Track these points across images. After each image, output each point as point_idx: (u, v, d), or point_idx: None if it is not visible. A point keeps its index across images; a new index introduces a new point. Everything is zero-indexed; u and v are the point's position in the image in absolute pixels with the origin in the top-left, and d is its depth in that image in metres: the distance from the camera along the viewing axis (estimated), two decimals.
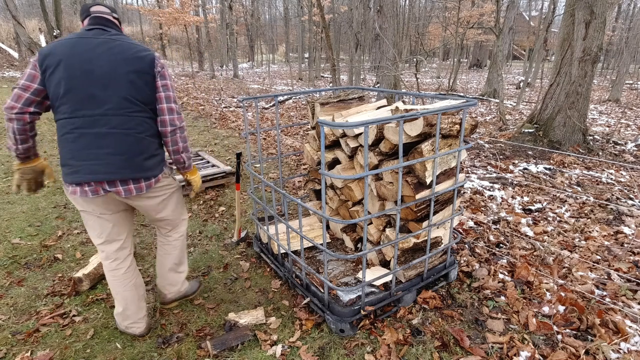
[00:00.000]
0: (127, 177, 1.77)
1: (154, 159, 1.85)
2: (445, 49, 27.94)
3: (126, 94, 1.71)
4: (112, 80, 1.69)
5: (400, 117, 1.75)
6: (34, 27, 19.08)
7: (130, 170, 1.77)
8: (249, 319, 2.19)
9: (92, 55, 1.68)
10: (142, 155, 1.79)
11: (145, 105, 1.77)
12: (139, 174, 1.79)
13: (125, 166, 1.75)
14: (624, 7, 26.28)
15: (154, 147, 1.84)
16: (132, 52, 1.73)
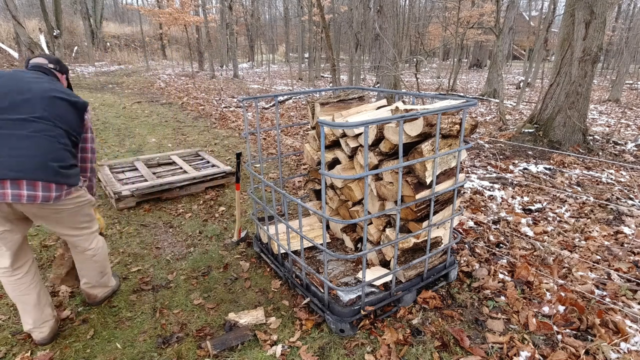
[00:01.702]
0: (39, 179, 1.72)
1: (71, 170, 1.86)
2: (445, 49, 27.94)
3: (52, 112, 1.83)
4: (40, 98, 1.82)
5: (400, 117, 1.75)
6: (34, 27, 19.07)
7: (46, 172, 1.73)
8: (249, 319, 2.19)
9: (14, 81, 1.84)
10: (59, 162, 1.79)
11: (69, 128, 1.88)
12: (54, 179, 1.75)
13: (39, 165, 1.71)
14: (624, 7, 26.28)
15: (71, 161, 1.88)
16: (63, 90, 1.92)
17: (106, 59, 22.19)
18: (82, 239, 2.09)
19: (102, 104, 9.39)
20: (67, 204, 1.90)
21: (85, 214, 2.06)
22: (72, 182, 1.86)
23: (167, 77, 15.98)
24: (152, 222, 3.49)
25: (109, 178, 3.96)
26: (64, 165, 1.80)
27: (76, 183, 1.90)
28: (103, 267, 2.26)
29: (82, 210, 2.02)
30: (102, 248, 2.22)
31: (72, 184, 1.86)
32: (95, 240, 2.18)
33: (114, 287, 2.46)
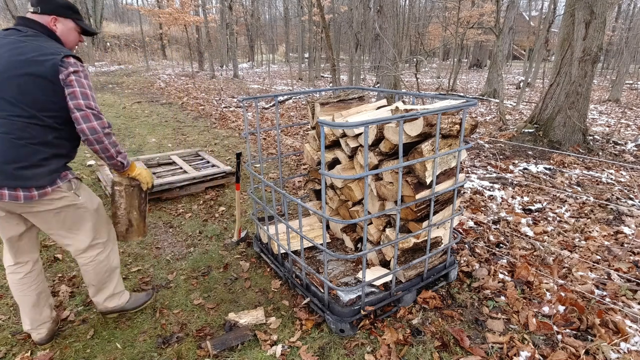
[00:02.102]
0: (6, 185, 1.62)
1: (34, 170, 1.64)
2: (445, 49, 27.94)
3: (9, 96, 1.60)
4: (3, 81, 1.60)
5: (400, 117, 1.75)
6: None
7: (5, 178, 1.61)
8: (249, 319, 2.19)
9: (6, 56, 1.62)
10: (17, 163, 1.61)
11: (37, 111, 1.63)
12: (12, 183, 1.61)
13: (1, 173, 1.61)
14: (624, 7, 26.28)
15: (40, 156, 1.66)
16: (35, 55, 1.61)
17: (106, 59, 22.19)
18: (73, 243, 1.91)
19: (102, 104, 9.39)
20: (46, 205, 1.72)
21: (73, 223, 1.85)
22: (34, 183, 1.63)
23: (167, 77, 15.99)
24: (152, 222, 3.49)
25: (108, 178, 3.96)
26: (24, 165, 1.61)
27: (42, 184, 1.66)
28: (96, 283, 2.05)
29: (70, 213, 1.81)
30: (96, 268, 1.99)
31: (37, 186, 1.64)
32: (92, 256, 1.96)
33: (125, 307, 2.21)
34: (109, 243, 2.05)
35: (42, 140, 1.66)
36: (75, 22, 1.83)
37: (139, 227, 2.15)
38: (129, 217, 2.08)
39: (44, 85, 1.62)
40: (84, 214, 1.88)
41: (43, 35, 1.73)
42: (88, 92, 1.66)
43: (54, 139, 1.70)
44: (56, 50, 1.65)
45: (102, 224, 2.00)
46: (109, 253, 2.05)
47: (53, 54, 1.63)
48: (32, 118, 1.63)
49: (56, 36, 1.77)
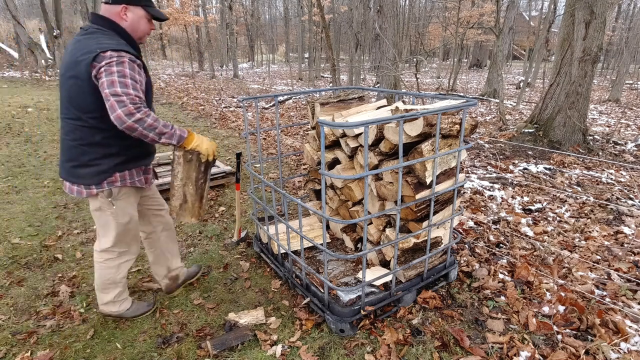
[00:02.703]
0: (65, 179, 1.86)
1: (87, 169, 1.76)
2: (445, 49, 27.94)
3: (64, 99, 1.70)
4: (61, 85, 1.70)
5: (400, 117, 1.75)
6: (34, 27, 19.08)
7: (64, 173, 1.85)
8: (249, 319, 2.19)
9: (64, 58, 1.73)
10: (73, 162, 1.77)
11: (82, 113, 1.67)
12: (71, 179, 1.82)
13: (62, 167, 1.86)
14: (624, 7, 26.28)
15: (89, 156, 1.74)
16: (77, 56, 1.61)
17: None
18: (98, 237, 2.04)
19: None
20: (94, 203, 1.89)
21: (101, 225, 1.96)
22: (85, 182, 1.79)
23: (167, 77, 15.98)
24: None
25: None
26: (76, 164, 1.78)
27: (89, 184, 1.79)
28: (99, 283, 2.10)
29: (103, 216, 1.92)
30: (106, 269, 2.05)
31: (86, 184, 1.80)
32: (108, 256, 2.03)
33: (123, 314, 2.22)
34: (124, 255, 2.09)
35: (89, 141, 1.72)
36: (145, 9, 1.79)
37: (194, 207, 2.03)
38: (184, 191, 1.98)
39: (82, 86, 1.62)
40: (112, 222, 1.94)
41: (103, 31, 1.71)
42: (115, 78, 1.54)
43: (102, 139, 1.73)
44: (96, 47, 1.60)
45: (126, 237, 2.04)
46: (120, 264, 2.08)
47: (89, 52, 1.59)
48: (78, 120, 1.69)
49: (121, 28, 1.75)
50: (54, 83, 12.79)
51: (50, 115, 7.64)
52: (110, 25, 1.73)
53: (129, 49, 1.66)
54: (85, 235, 3.20)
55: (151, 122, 1.60)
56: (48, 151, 5.44)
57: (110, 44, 1.62)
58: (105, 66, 1.56)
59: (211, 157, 1.94)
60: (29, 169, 4.72)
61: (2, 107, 8.06)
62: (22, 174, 4.54)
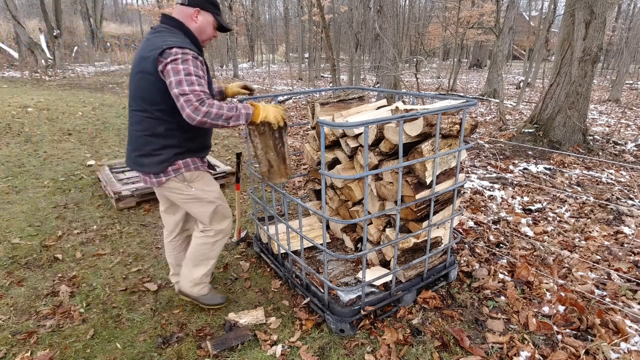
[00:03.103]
0: (131, 167, 1.97)
1: (149, 158, 1.87)
2: (445, 49, 27.94)
3: (133, 93, 1.83)
4: (130, 79, 1.83)
5: (400, 117, 1.75)
6: (34, 27, 19.08)
7: (130, 161, 1.96)
8: (249, 319, 2.19)
9: (136, 54, 1.84)
10: (137, 151, 1.89)
11: (149, 105, 1.79)
12: (136, 167, 1.94)
13: (128, 156, 1.98)
14: (624, 7, 26.28)
15: (152, 146, 1.85)
16: (146, 52, 1.72)
17: (106, 59, 22.20)
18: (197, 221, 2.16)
19: (102, 104, 9.39)
20: (167, 191, 1.98)
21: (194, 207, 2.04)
22: (149, 170, 1.88)
23: None
24: (152, 222, 3.49)
25: (109, 178, 3.96)
26: (141, 153, 1.87)
27: (154, 172, 1.88)
28: (192, 258, 2.20)
29: (187, 202, 2.01)
30: (198, 245, 2.16)
31: (150, 172, 1.89)
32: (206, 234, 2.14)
33: (198, 298, 2.29)
34: (219, 234, 2.17)
35: (153, 132, 1.82)
36: (215, 16, 1.91)
37: (280, 169, 2.14)
38: (267, 158, 2.09)
39: (149, 80, 1.73)
40: (197, 204, 2.03)
41: (170, 29, 1.82)
42: (182, 77, 1.62)
43: (165, 130, 1.83)
44: (162, 43, 1.68)
45: (217, 216, 2.12)
46: (215, 242, 2.18)
47: (156, 48, 1.67)
48: (144, 112, 1.80)
49: (189, 29, 1.85)
50: (54, 83, 12.80)
51: (50, 115, 7.64)
52: (178, 25, 1.85)
53: (192, 47, 1.74)
54: (85, 235, 3.20)
55: (216, 111, 1.66)
56: (48, 151, 5.44)
57: (176, 41, 1.71)
58: (172, 63, 1.63)
59: (282, 123, 1.98)
60: (29, 169, 4.72)
61: (2, 107, 8.06)
62: (22, 174, 4.54)
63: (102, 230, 3.30)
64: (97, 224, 3.41)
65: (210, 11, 1.89)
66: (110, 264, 2.81)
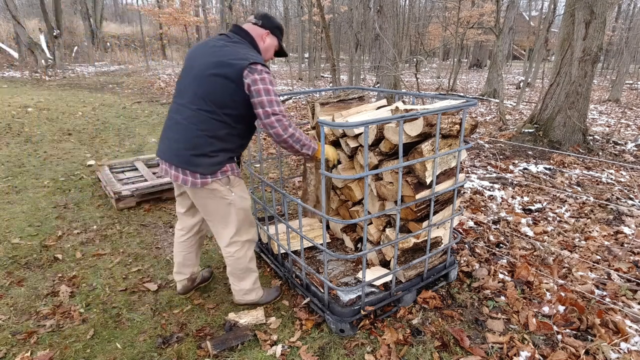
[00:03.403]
0: (177, 165, 1.89)
1: (206, 159, 1.87)
2: (445, 49, 27.94)
3: (201, 92, 1.83)
4: (197, 77, 1.84)
5: (400, 117, 1.75)
6: (34, 27, 19.08)
7: (179, 159, 1.89)
8: (249, 319, 2.19)
9: (198, 54, 1.89)
10: (194, 150, 1.86)
11: (218, 107, 1.82)
12: (186, 166, 1.87)
13: (175, 153, 1.90)
14: (624, 7, 26.29)
15: (212, 147, 1.87)
16: (228, 58, 1.79)
17: (106, 59, 22.19)
18: (217, 235, 2.13)
19: (102, 104, 9.40)
20: (206, 194, 1.94)
21: (228, 218, 2.03)
22: (201, 170, 1.86)
23: (167, 77, 15.98)
24: (152, 222, 3.49)
25: (109, 178, 3.96)
26: (198, 153, 1.85)
27: (207, 173, 1.87)
28: (234, 276, 2.23)
29: (222, 209, 1.99)
30: (235, 263, 2.16)
31: (203, 173, 1.87)
32: (231, 252, 2.13)
33: (257, 301, 2.34)
34: (246, 243, 2.18)
35: (215, 134, 1.85)
36: (279, 41, 2.07)
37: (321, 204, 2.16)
38: (317, 194, 2.17)
39: (228, 85, 1.79)
40: (232, 209, 2.03)
41: (246, 43, 1.93)
42: (273, 98, 1.78)
43: (226, 134, 1.88)
44: (248, 56, 1.80)
45: (246, 224, 2.14)
46: (246, 251, 2.18)
47: (243, 59, 1.78)
48: (212, 113, 1.83)
49: (258, 48, 1.98)
50: (54, 83, 12.80)
51: (50, 115, 7.64)
52: (251, 41, 1.96)
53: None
54: (85, 235, 3.20)
55: (298, 135, 1.86)
56: (48, 151, 5.44)
57: (258, 58, 1.84)
58: (261, 82, 1.77)
59: (335, 162, 2.16)
60: (29, 169, 4.72)
61: (2, 107, 8.06)
62: (22, 174, 4.54)
63: (102, 230, 3.30)
64: (97, 224, 3.41)
65: (277, 36, 2.04)
66: (110, 264, 2.81)
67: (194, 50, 1.94)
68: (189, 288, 2.43)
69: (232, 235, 2.09)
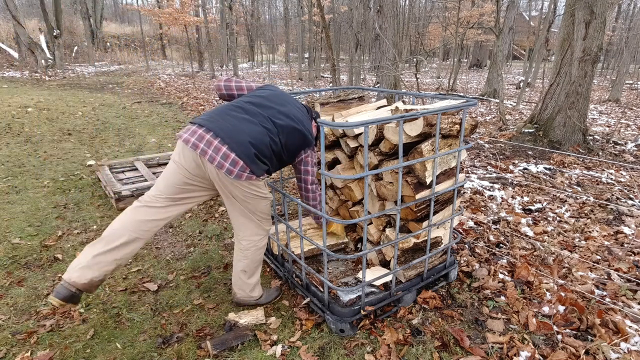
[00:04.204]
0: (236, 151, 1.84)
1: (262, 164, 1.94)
2: (445, 49, 27.94)
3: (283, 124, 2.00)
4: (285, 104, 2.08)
5: (400, 117, 1.75)
6: (34, 27, 19.08)
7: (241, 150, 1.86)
8: (249, 319, 2.19)
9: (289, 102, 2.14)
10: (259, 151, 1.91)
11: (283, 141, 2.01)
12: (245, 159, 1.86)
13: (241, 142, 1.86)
14: (624, 7, 26.29)
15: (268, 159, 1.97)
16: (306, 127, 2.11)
17: (106, 59, 22.19)
18: (243, 226, 2.12)
19: (102, 104, 9.40)
20: (245, 186, 1.94)
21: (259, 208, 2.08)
22: (256, 170, 1.90)
23: (167, 77, 15.98)
24: None
25: (109, 178, 3.96)
26: (259, 155, 1.90)
27: (259, 174, 1.94)
28: (249, 269, 2.23)
29: (255, 200, 2.03)
30: (254, 254, 2.18)
31: (255, 173, 1.91)
32: (254, 241, 2.16)
33: (258, 300, 2.35)
34: (266, 235, 2.22)
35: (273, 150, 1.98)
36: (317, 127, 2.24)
37: None
38: None
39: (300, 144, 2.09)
40: (264, 202, 2.09)
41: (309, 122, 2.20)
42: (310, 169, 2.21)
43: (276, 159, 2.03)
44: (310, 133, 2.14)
45: (269, 217, 2.19)
46: (264, 244, 2.23)
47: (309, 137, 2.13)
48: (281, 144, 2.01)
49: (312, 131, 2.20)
50: (54, 83, 12.80)
51: (50, 115, 7.64)
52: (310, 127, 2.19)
53: None
54: (85, 235, 3.20)
55: (319, 197, 2.24)
56: (48, 151, 5.44)
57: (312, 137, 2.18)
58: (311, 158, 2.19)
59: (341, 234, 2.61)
60: (29, 169, 4.72)
61: (2, 107, 8.06)
62: (22, 174, 4.54)
63: (102, 230, 3.29)
64: (97, 224, 3.41)
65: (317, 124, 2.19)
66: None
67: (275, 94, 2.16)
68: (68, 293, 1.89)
69: (256, 224, 2.13)
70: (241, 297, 2.32)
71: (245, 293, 2.30)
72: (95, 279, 1.90)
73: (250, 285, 2.28)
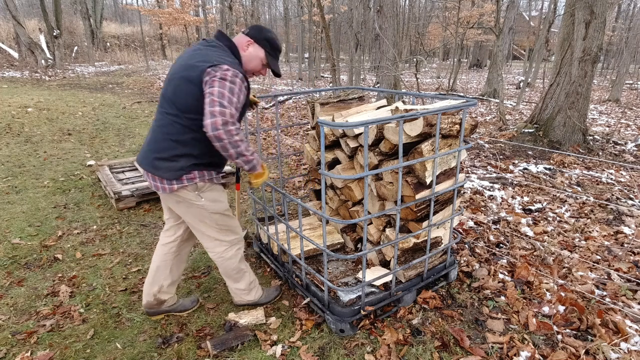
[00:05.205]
0: (145, 168, 1.89)
1: (166, 163, 1.82)
2: (445, 49, 27.93)
3: (169, 96, 1.80)
4: (169, 81, 1.82)
5: (400, 117, 1.75)
6: (34, 27, 19.07)
7: (146, 162, 1.88)
8: (249, 319, 2.19)
9: (178, 59, 1.86)
10: (157, 153, 1.83)
11: (181, 111, 1.76)
12: (151, 170, 1.85)
13: (144, 156, 1.89)
14: (624, 7, 26.29)
15: (173, 152, 1.81)
16: (195, 61, 1.74)
17: (106, 59, 22.19)
18: (202, 239, 2.08)
19: (102, 104, 9.40)
20: (174, 199, 1.90)
21: (201, 216, 1.96)
22: (163, 175, 1.81)
23: None
24: (152, 222, 3.49)
25: (108, 178, 3.96)
26: (161, 157, 1.82)
27: (172, 178, 1.81)
28: (229, 277, 2.22)
29: (194, 211, 1.93)
30: (224, 264, 2.14)
31: (168, 178, 1.82)
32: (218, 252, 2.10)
33: (258, 300, 2.33)
34: (235, 243, 2.14)
35: (178, 138, 1.80)
36: (266, 54, 1.96)
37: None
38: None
39: (191, 88, 1.72)
40: (204, 213, 1.96)
41: (222, 47, 1.87)
42: (226, 92, 1.65)
43: (190, 139, 1.81)
44: (216, 59, 1.73)
45: (227, 226, 2.08)
46: (235, 251, 2.15)
47: (208, 61, 1.71)
48: (176, 117, 1.78)
49: (239, 55, 1.91)
50: (54, 83, 12.80)
51: (50, 115, 7.65)
52: (230, 47, 1.90)
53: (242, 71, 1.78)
54: (85, 235, 3.20)
55: (237, 139, 1.67)
56: (48, 151, 5.44)
57: (231, 62, 1.78)
58: (220, 78, 1.66)
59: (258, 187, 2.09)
60: (29, 169, 4.72)
61: (2, 107, 8.06)
62: (22, 174, 4.54)
63: (102, 230, 3.30)
64: (97, 224, 3.41)
65: (264, 47, 1.95)
66: (110, 264, 2.81)
67: (179, 56, 1.90)
68: (154, 308, 2.21)
69: (213, 236, 2.05)
70: (236, 300, 2.33)
71: (239, 297, 2.30)
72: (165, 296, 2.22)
73: (240, 291, 2.26)
